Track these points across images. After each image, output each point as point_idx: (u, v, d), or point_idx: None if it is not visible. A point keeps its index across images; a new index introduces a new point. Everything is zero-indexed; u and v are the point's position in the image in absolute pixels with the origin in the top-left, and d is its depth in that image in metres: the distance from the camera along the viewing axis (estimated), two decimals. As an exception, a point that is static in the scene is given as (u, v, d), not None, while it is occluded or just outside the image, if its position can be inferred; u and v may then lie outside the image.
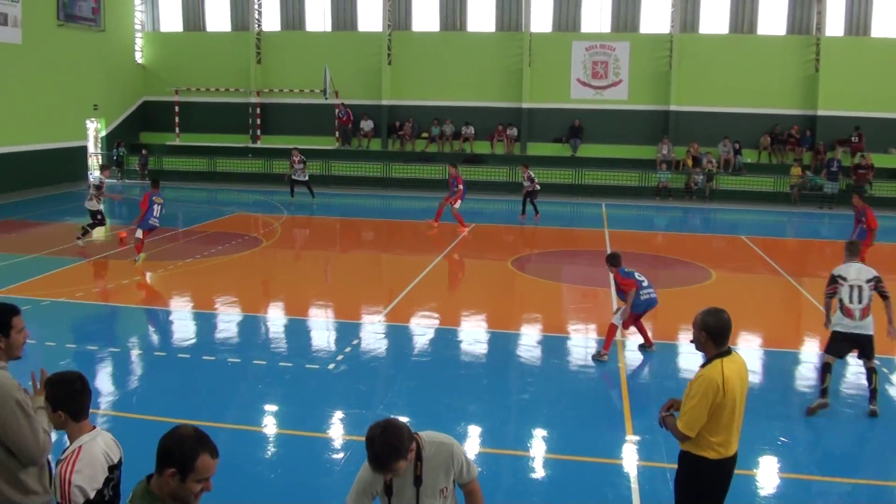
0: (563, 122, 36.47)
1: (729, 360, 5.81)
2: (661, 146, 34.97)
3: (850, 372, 12.41)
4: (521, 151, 36.39)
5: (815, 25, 34.85)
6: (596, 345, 13.20)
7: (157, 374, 11.46)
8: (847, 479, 8.62)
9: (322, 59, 36.43)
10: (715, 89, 35.33)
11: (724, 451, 5.86)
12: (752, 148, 35.23)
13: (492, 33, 37.34)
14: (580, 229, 27.12)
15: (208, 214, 26.85)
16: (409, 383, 11.25)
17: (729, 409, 5.76)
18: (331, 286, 18.22)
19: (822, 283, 18.51)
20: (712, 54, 35.41)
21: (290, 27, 38.83)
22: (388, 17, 37.34)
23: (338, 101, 37.13)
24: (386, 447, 4.46)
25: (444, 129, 36.92)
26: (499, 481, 8.24)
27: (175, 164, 37.40)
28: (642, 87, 36.03)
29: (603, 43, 36.08)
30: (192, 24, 39.63)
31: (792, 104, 35.25)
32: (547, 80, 36.52)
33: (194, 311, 15.24)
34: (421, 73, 37.46)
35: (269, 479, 8.21)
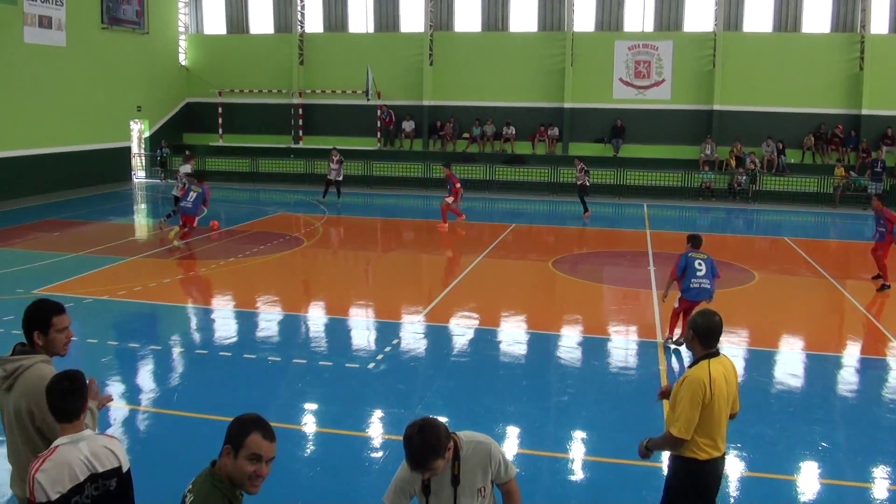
0: (605, 122, 36.26)
1: (716, 361, 5.92)
2: (703, 146, 34.65)
3: (892, 377, 12.26)
4: (563, 152, 36.23)
5: (859, 23, 34.31)
6: (637, 346, 13.14)
7: (197, 372, 11.60)
8: (890, 485, 8.49)
9: (364, 60, 36.56)
10: (758, 88, 34.91)
11: (714, 451, 5.91)
12: (795, 148, 34.74)
13: (534, 33, 37.24)
14: (622, 230, 26.98)
15: (251, 214, 27.09)
16: (448, 383, 11.27)
17: (716, 409, 5.81)
18: (371, 286, 18.29)
19: (864, 286, 18.48)
20: (756, 53, 34.99)
21: (333, 29, 39.05)
22: (430, 17, 37.41)
23: (380, 103, 37.28)
24: (424, 445, 4.48)
25: (486, 129, 36.88)
26: (537, 482, 8.23)
27: (218, 165, 37.75)
28: (685, 87, 35.71)
29: (646, 42, 35.82)
30: (236, 26, 40.02)
31: (836, 103, 34.72)
32: (589, 79, 36.32)
33: (236, 309, 15.39)
34: (462, 74, 37.45)
35: (308, 476, 8.28)
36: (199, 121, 39.95)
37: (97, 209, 27.95)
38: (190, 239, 21.03)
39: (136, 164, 38.26)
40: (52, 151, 30.48)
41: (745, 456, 8.96)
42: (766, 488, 8.37)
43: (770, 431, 9.66)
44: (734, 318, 15.57)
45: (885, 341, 13.78)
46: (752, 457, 8.96)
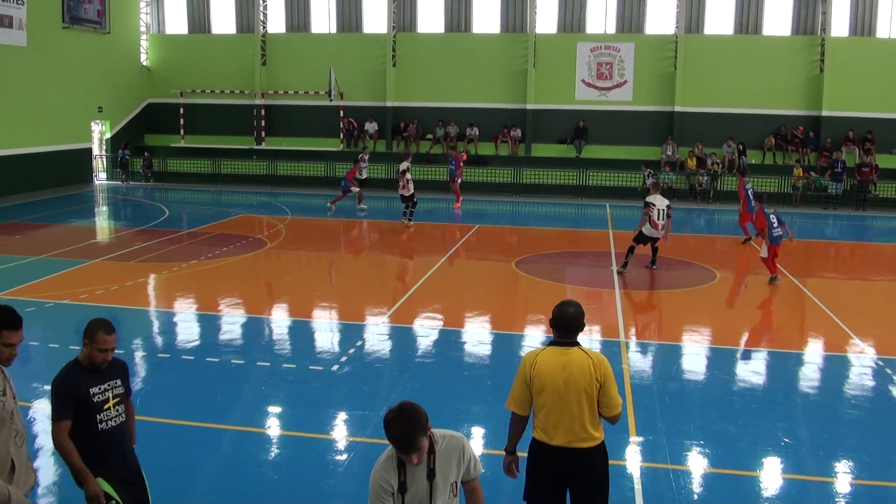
0: (568, 123, 36.44)
1: (556, 350, 5.98)
2: (665, 147, 34.96)
3: (853, 373, 12.45)
4: (526, 153, 36.40)
5: (820, 26, 34.81)
6: (600, 346, 13.22)
7: (161, 376, 11.49)
8: (852, 480, 8.62)
9: (327, 61, 36.46)
10: (720, 90, 35.30)
11: (546, 436, 6.00)
12: (756, 149, 35.17)
13: (497, 34, 37.33)
14: (585, 230, 27.16)
15: (213, 216, 26.90)
16: (413, 385, 11.27)
17: (544, 396, 5.91)
18: (335, 288, 18.25)
19: (826, 285, 18.81)
20: (717, 55, 35.38)
21: (295, 29, 38.86)
22: (393, 18, 37.37)
23: (342, 116, 37.28)
24: (409, 423, 4.56)
25: (449, 130, 36.92)
26: (502, 483, 8.24)
27: (180, 166, 37.51)
28: (647, 88, 36.00)
29: (608, 44, 36.06)
30: (198, 26, 39.65)
31: (796, 105, 35.21)
32: (551, 81, 36.50)
33: (198, 312, 15.27)
34: (426, 75, 37.46)
35: (272, 480, 8.23)
36: (160, 122, 39.49)
37: (59, 211, 27.62)
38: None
39: (98, 166, 37.80)
40: (12, 153, 30.05)
41: (707, 453, 9.06)
42: (729, 484, 8.46)
43: (732, 428, 9.77)
44: (696, 316, 15.75)
45: (846, 338, 13.98)
46: (715, 453, 9.06)
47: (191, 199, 32.50)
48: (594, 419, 5.95)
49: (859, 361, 12.92)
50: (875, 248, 25.88)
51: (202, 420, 9.60)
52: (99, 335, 5.75)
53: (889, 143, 34.06)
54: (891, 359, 12.91)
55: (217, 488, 8.11)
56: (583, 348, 6.00)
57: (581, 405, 5.88)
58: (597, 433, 5.98)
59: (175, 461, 8.50)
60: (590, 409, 5.90)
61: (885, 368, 12.33)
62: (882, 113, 34.13)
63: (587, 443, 5.95)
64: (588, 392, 5.86)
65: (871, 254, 24.51)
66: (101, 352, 5.75)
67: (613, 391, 5.91)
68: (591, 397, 5.88)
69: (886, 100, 34.07)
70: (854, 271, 21.58)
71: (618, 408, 5.96)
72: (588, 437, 5.94)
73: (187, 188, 35.18)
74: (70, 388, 5.61)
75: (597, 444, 6.00)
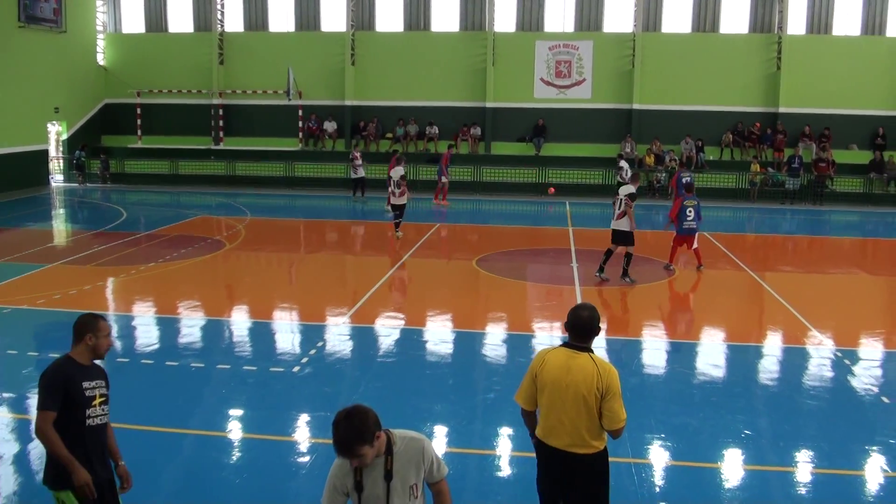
0: (527, 121, 36.59)
1: (565, 352, 5.98)
2: (624, 144, 35.18)
3: (812, 365, 12.61)
4: (486, 151, 36.51)
5: (776, 24, 35.28)
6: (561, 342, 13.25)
7: (120, 381, 11.25)
8: (813, 469, 8.73)
9: (285, 60, 36.26)
10: (677, 88, 35.65)
11: (544, 436, 6.04)
12: (714, 145, 35.56)
13: (456, 33, 37.37)
14: (545, 228, 27.26)
15: (171, 218, 26.63)
16: (374, 384, 11.25)
17: (546, 395, 5.94)
18: (295, 288, 18.16)
19: (784, 278, 19.04)
20: (675, 53, 35.73)
21: (253, 27, 38.60)
22: (352, 17, 37.27)
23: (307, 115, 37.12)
24: (350, 430, 4.49)
25: (409, 129, 36.90)
26: (466, 481, 8.26)
27: (137, 167, 37.18)
28: (605, 86, 36.25)
29: (566, 42, 36.24)
30: (155, 24, 39.22)
31: (754, 102, 35.67)
32: (511, 79, 36.62)
33: (158, 315, 15.11)
34: (385, 74, 37.40)
35: (234, 484, 8.17)
36: (117, 122, 39.06)
37: (14, 215, 27.19)
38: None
39: (54, 168, 37.34)
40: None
41: (669, 446, 9.14)
42: (690, 477, 8.54)
43: (693, 421, 9.87)
44: (656, 311, 15.90)
45: (805, 330, 14.17)
46: (677, 446, 9.15)
47: (149, 201, 32.17)
48: (593, 427, 5.87)
49: (818, 353, 13.11)
50: (832, 241, 26.24)
51: (162, 425, 9.50)
52: (99, 323, 5.98)
53: (846, 138, 34.66)
54: (849, 350, 13.14)
55: (179, 494, 8.03)
56: (593, 356, 5.92)
57: (580, 411, 5.83)
58: (595, 442, 5.92)
59: (135, 467, 8.37)
60: (588, 416, 5.83)
61: (844, 359, 12.53)
62: (839, 109, 34.74)
63: (583, 449, 5.91)
64: (587, 400, 5.79)
65: (829, 247, 24.84)
66: (106, 337, 6.01)
67: (616, 405, 5.80)
68: (591, 406, 5.80)
69: (843, 96, 34.69)
70: (812, 265, 21.87)
71: (619, 423, 5.84)
72: (584, 444, 5.90)
73: (145, 189, 34.84)
74: (61, 381, 5.66)
75: (594, 453, 5.95)
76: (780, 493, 8.21)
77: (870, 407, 10.71)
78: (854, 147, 34.96)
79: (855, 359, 12.73)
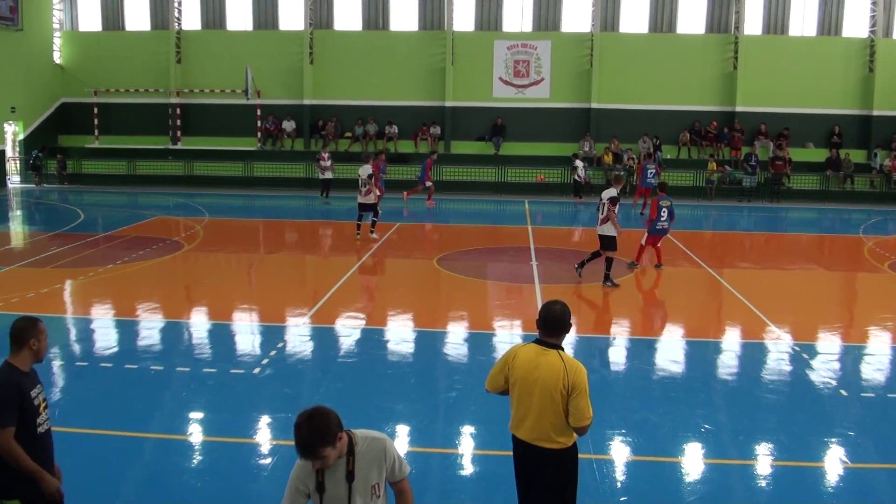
0: (486, 120, 36.71)
1: (536, 348, 6.06)
2: (582, 143, 35.42)
3: (770, 359, 12.78)
4: (445, 150, 36.52)
5: (733, 24, 35.73)
6: (521, 340, 13.32)
7: (78, 385, 11.21)
8: (773, 462, 8.85)
9: (243, 59, 36.05)
10: (635, 87, 35.96)
11: (513, 426, 6.17)
12: (671, 144, 35.93)
13: (414, 32, 37.37)
14: (504, 226, 27.35)
15: (129, 218, 26.34)
16: (336, 385, 11.23)
17: (515, 389, 6.05)
18: (254, 289, 18.04)
19: (742, 274, 19.28)
20: (632, 53, 36.05)
21: (211, 25, 38.28)
22: (310, 15, 37.11)
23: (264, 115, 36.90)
24: (312, 432, 4.48)
25: (368, 128, 36.85)
26: (428, 480, 8.27)
27: (94, 168, 36.75)
28: (564, 86, 36.46)
29: (524, 42, 36.41)
30: (112, 22, 38.73)
31: (711, 101, 36.12)
32: (469, 78, 36.71)
33: (116, 318, 14.94)
34: (343, 73, 37.30)
35: (196, 487, 8.11)
36: (74, 122, 38.54)
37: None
38: None
39: (11, 169, 36.77)
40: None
41: (629, 441, 9.22)
42: (651, 471, 8.62)
43: (653, 417, 9.96)
44: (616, 308, 16.02)
45: (763, 325, 14.36)
46: (637, 441, 9.23)
47: (106, 202, 31.81)
48: (559, 424, 5.92)
49: (776, 348, 13.29)
50: (789, 238, 26.61)
51: (122, 429, 9.40)
52: (39, 326, 5.73)
53: (802, 137, 35.21)
54: (807, 344, 13.35)
55: (139, 499, 7.95)
56: (562, 353, 5.97)
57: (545, 407, 5.89)
58: (561, 438, 5.97)
59: (95, 472, 8.32)
60: (554, 413, 5.88)
61: (802, 353, 12.72)
62: (795, 108, 35.31)
63: (549, 444, 5.97)
64: (553, 396, 5.85)
65: (786, 244, 25.19)
66: (46, 339, 5.78)
67: (582, 403, 5.83)
68: (556, 402, 5.85)
69: (799, 96, 35.33)
70: (769, 261, 22.14)
71: (584, 420, 5.87)
72: (550, 439, 5.97)
73: (103, 190, 34.45)
74: (16, 393, 5.50)
75: (559, 448, 6.00)
76: (740, 486, 8.32)
77: (828, 400, 10.90)
78: (810, 145, 35.55)
79: (813, 353, 12.94)
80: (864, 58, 35.59)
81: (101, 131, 38.21)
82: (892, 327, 14.98)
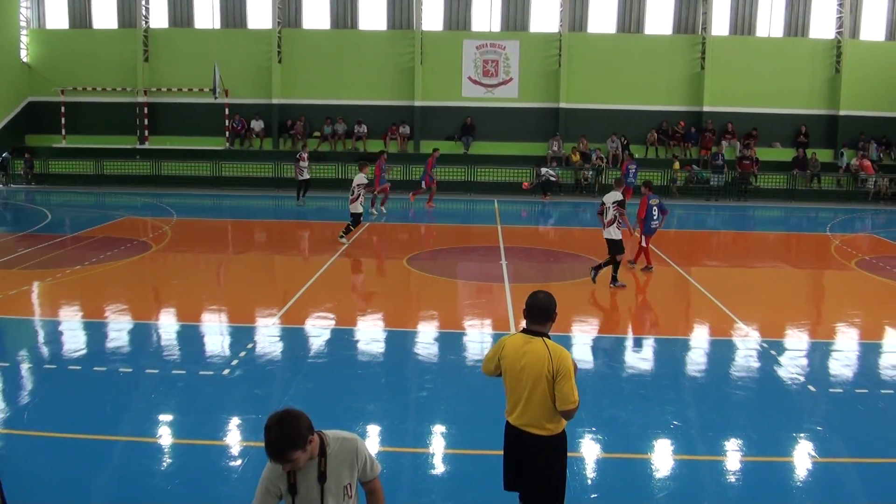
0: (456, 120, 36.76)
1: (522, 337, 6.28)
2: (551, 143, 35.56)
3: (739, 356, 12.91)
4: (415, 150, 36.55)
5: (700, 25, 36.03)
6: (492, 339, 13.38)
7: (47, 388, 11.10)
8: (742, 457, 8.95)
9: (211, 57, 35.79)
10: (603, 87, 36.19)
11: (507, 412, 6.43)
12: (639, 143, 36.17)
13: (383, 31, 37.35)
14: (474, 226, 27.41)
15: (97, 219, 26.12)
16: (306, 385, 11.20)
17: (506, 377, 6.36)
18: (224, 290, 17.96)
19: (710, 273, 19.43)
20: (600, 53, 36.27)
21: (179, 23, 37.98)
22: (278, 14, 36.94)
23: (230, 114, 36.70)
24: (282, 436, 4.49)
25: (337, 127, 36.77)
26: (400, 480, 8.28)
27: (62, 168, 36.36)
28: (532, 85, 36.60)
29: (493, 42, 36.50)
30: (79, 20, 38.25)
31: (678, 101, 36.42)
32: (439, 78, 36.74)
33: (84, 320, 14.80)
34: (312, 72, 37.20)
35: (166, 490, 8.06)
36: (41, 121, 38.03)
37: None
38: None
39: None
40: None
41: (599, 438, 9.28)
42: (621, 468, 8.70)
43: (623, 414, 10.04)
44: (585, 307, 16.08)
45: (731, 323, 14.50)
46: (607, 439, 9.30)
47: (74, 202, 31.53)
48: (546, 410, 6.13)
49: (744, 345, 13.44)
50: (757, 236, 26.88)
51: (91, 432, 9.32)
52: None
53: (769, 136, 35.63)
54: (774, 340, 13.51)
55: (109, 503, 7.90)
56: (546, 341, 6.16)
57: (532, 394, 6.13)
58: (549, 425, 6.19)
59: (65, 477, 8.26)
60: (541, 399, 6.11)
61: (770, 350, 12.87)
62: (762, 108, 35.74)
63: (538, 430, 6.20)
64: (539, 382, 6.08)
65: (753, 242, 25.45)
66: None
67: (566, 387, 5.99)
68: (542, 388, 6.08)
69: (766, 96, 35.77)
70: (736, 259, 22.36)
71: (569, 404, 6.01)
72: (539, 426, 6.19)
73: (70, 190, 34.13)
74: None
75: (548, 435, 6.21)
76: (710, 482, 8.41)
77: (796, 396, 11.04)
78: (777, 145, 35.98)
79: (781, 349, 13.08)
80: (831, 58, 36.05)
81: (69, 131, 37.75)
82: (859, 324, 15.19)
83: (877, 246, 24.32)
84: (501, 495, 7.87)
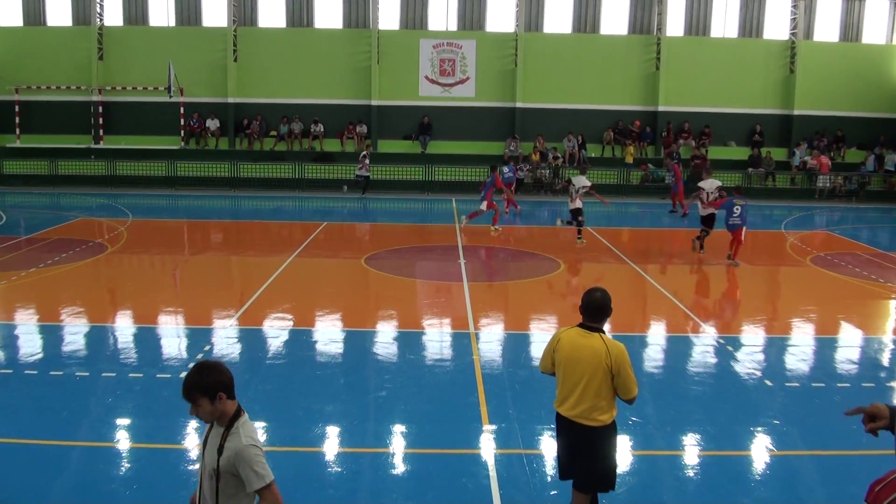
0: (413, 119, 36.80)
1: (578, 332, 6.56)
2: (509, 142, 35.73)
3: (696, 352, 13.10)
4: (372, 149, 36.46)
5: (655, 26, 36.42)
6: (451, 338, 13.44)
7: (2, 393, 10.98)
8: (700, 451, 9.11)
9: (166, 56, 35.44)
10: (559, 87, 36.44)
11: (557, 403, 6.73)
12: (596, 143, 36.49)
13: (339, 30, 37.24)
14: (432, 225, 27.47)
15: (51, 220, 25.78)
16: (264, 387, 11.18)
17: (560, 370, 6.64)
18: (180, 291, 17.84)
19: (666, 270, 19.64)
20: (556, 53, 36.51)
21: (133, 21, 37.54)
22: (233, 11, 36.69)
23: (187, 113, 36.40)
24: (192, 376, 4.77)
25: (293, 127, 36.61)
26: (360, 480, 8.32)
27: (16, 168, 35.75)
28: (489, 85, 36.75)
29: (450, 41, 36.58)
30: (33, 17, 37.59)
31: (634, 101, 36.79)
32: (395, 77, 36.75)
33: (39, 323, 14.65)
34: (268, 70, 37.01)
35: (125, 496, 8.02)
36: (-6, 120, 37.40)
37: None
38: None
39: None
40: None
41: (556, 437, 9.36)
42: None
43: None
44: (542, 305, 16.20)
45: (687, 319, 14.70)
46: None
47: (28, 203, 31.09)
48: (599, 402, 6.47)
49: (701, 341, 13.67)
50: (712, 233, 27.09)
51: (48, 438, 9.25)
52: None
53: (724, 136, 36.18)
54: (731, 336, 13.76)
55: (66, 507, 7.86)
56: (603, 336, 6.51)
57: (587, 387, 6.45)
58: (601, 417, 6.50)
59: (22, 483, 8.18)
60: (595, 392, 6.42)
61: (727, 346, 13.10)
62: (717, 108, 36.28)
63: (588, 422, 6.50)
64: (595, 376, 6.41)
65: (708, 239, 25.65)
66: None
67: (628, 380, 6.45)
68: (598, 382, 6.42)
69: (721, 96, 36.34)
70: (692, 256, 22.57)
71: (630, 392, 6.50)
72: (589, 417, 6.50)
73: (24, 191, 33.63)
74: None
75: (598, 426, 6.51)
76: (668, 477, 8.56)
77: (753, 390, 11.25)
78: (732, 144, 36.53)
79: (737, 345, 13.32)
80: (785, 59, 36.64)
81: (23, 130, 37.12)
82: (814, 319, 15.50)
83: (831, 243, 24.77)
84: (460, 494, 7.96)
